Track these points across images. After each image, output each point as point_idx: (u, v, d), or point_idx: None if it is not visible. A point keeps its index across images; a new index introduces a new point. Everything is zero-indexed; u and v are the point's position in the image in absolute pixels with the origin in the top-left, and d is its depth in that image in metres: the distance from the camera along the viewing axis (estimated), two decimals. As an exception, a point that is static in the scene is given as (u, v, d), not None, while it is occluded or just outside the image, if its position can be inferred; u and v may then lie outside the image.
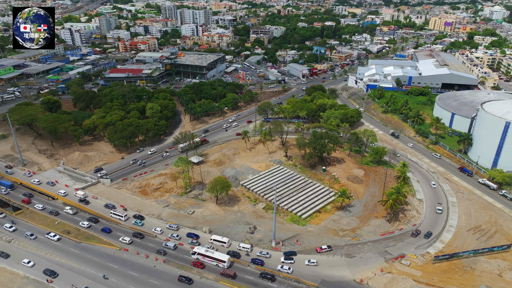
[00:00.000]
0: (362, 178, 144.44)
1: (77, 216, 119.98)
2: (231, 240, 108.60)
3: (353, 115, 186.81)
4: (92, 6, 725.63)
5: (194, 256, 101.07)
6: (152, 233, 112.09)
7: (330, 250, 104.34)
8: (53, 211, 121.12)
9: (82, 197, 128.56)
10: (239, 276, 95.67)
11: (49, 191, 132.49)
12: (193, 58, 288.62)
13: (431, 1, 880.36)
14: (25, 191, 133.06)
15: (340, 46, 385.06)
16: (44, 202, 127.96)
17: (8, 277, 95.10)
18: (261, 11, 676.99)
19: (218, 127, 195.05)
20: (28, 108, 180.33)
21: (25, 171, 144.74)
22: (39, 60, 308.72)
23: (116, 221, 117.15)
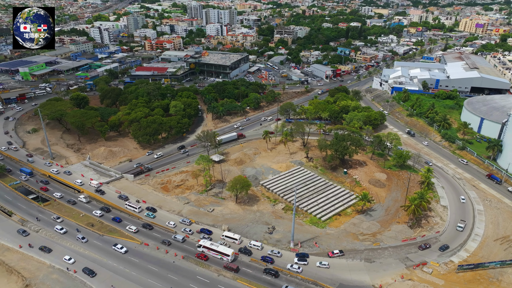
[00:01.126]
0: (385, 182, 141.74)
1: (90, 205, 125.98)
2: (245, 238, 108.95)
3: (376, 117, 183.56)
4: (121, 6, 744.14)
5: (200, 249, 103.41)
6: (160, 225, 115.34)
7: (342, 255, 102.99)
8: (70, 200, 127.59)
9: (96, 186, 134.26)
10: (245, 271, 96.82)
11: (67, 180, 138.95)
12: (217, 57, 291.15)
13: (462, 2, 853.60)
14: (42, 178, 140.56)
15: (365, 47, 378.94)
16: (62, 190, 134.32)
17: (35, 265, 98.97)
18: (285, 11, 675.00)
19: (257, 119, 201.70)
20: (58, 104, 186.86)
21: (45, 161, 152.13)
22: (69, 57, 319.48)
23: (130, 212, 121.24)
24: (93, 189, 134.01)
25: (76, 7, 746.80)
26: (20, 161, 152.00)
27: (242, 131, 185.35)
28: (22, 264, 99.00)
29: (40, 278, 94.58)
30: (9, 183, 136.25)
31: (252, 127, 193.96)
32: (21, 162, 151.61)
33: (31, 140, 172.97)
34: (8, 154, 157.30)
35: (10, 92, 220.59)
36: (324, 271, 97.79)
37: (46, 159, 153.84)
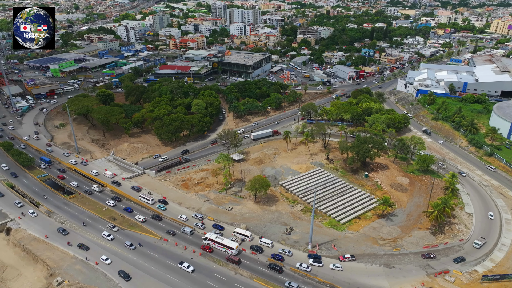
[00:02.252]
0: (407, 186, 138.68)
1: (102, 194, 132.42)
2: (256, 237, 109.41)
3: (400, 120, 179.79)
4: (147, 5, 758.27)
5: (206, 241, 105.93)
6: (171, 217, 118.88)
7: (353, 260, 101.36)
8: (87, 190, 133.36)
9: (109, 176, 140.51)
10: (251, 266, 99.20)
11: (84, 170, 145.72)
12: (240, 57, 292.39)
13: (494, 2, 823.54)
14: (59, 167, 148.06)
15: (390, 49, 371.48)
16: (77, 180, 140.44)
17: (60, 256, 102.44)
18: (309, 11, 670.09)
19: (277, 119, 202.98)
20: (84, 100, 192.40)
21: (64, 152, 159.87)
22: (97, 55, 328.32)
23: (144, 203, 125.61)
24: (107, 179, 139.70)
25: (104, 6, 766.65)
26: (40, 150, 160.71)
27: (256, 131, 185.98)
28: (47, 254, 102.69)
29: (64, 268, 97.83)
30: (37, 175, 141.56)
31: (272, 127, 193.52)
32: (41, 151, 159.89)
33: (58, 134, 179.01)
34: (30, 144, 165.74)
35: (41, 88, 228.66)
36: (340, 274, 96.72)
37: (65, 150, 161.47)
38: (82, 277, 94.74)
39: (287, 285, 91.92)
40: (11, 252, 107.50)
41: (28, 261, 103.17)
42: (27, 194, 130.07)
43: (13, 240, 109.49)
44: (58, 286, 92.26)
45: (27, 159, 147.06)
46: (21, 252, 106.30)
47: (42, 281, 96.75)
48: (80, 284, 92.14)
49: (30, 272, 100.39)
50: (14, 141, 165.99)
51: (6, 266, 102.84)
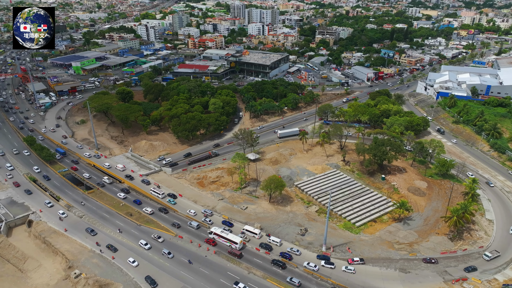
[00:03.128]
0: (425, 190, 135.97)
1: (113, 186, 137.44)
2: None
3: (419, 123, 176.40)
4: (167, 4, 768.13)
5: (211, 236, 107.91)
6: (178, 210, 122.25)
7: (362, 263, 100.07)
8: (99, 182, 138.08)
9: (120, 169, 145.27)
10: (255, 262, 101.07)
11: (97, 163, 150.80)
12: (257, 56, 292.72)
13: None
14: (73, 158, 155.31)
15: (411, 50, 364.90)
16: (90, 171, 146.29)
17: (78, 249, 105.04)
18: (328, 11, 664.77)
19: (294, 119, 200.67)
20: (104, 97, 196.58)
21: (78, 144, 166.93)
22: (117, 53, 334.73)
23: (154, 197, 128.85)
24: (118, 172, 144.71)
25: (125, 5, 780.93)
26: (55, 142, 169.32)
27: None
28: (66, 247, 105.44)
29: (81, 261, 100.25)
30: (58, 170, 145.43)
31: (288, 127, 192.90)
32: (56, 143, 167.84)
33: (79, 130, 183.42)
34: (47, 136, 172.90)
35: (63, 85, 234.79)
36: (355, 277, 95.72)
37: (79, 143, 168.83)
38: (98, 271, 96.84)
39: (289, 281, 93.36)
40: (32, 243, 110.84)
41: (48, 253, 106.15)
42: (48, 188, 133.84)
43: (34, 232, 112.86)
44: (75, 279, 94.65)
45: (49, 154, 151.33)
46: (41, 244, 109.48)
47: (61, 273, 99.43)
48: (96, 278, 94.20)
49: (49, 263, 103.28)
50: (33, 133, 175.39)
51: (27, 257, 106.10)
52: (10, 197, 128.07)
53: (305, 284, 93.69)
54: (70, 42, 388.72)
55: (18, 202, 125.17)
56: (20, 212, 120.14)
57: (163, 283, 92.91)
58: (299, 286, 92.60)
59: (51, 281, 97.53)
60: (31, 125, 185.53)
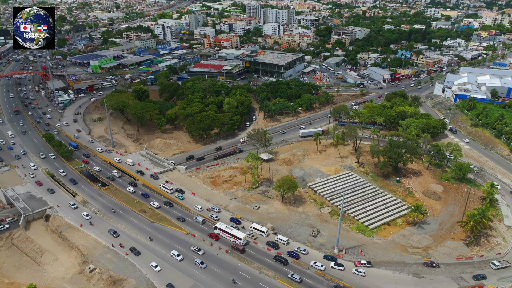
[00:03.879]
0: (441, 194, 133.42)
1: (121, 179, 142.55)
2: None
3: (436, 125, 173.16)
4: (184, 4, 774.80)
5: (216, 231, 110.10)
6: (184, 205, 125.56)
7: (370, 266, 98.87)
8: (110, 176, 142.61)
9: (130, 164, 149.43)
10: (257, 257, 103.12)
11: (108, 158, 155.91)
12: (272, 57, 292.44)
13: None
14: (85, 151, 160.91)
15: (429, 51, 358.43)
16: (100, 164, 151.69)
17: (93, 244, 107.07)
18: (345, 11, 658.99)
19: (317, 118, 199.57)
20: (121, 95, 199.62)
21: (89, 138, 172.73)
22: (134, 52, 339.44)
23: (163, 192, 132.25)
24: (128, 166, 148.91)
25: (143, 5, 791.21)
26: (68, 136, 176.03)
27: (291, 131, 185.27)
28: (81, 242, 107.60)
29: (96, 256, 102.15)
30: (75, 166, 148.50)
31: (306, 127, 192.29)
32: (70, 137, 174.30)
33: (96, 128, 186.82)
34: (61, 130, 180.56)
35: (81, 83, 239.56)
36: (366, 280, 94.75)
37: (90, 137, 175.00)
38: (112, 266, 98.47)
39: (290, 277, 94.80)
40: (49, 237, 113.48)
41: (64, 247, 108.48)
42: (65, 184, 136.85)
43: (51, 227, 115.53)
44: (90, 273, 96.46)
45: (67, 150, 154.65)
46: (57, 238, 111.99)
47: (76, 267, 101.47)
48: (110, 273, 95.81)
49: (65, 257, 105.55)
50: (49, 127, 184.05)
51: (44, 251, 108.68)
52: (29, 191, 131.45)
53: (306, 280, 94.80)
54: (89, 41, 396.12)
55: (36, 197, 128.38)
56: (38, 206, 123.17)
57: (175, 281, 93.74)
58: (300, 282, 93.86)
59: (67, 274, 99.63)
60: (48, 120, 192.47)
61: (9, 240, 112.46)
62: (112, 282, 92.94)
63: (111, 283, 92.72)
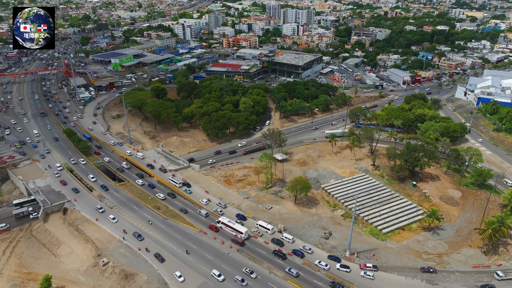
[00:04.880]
0: (458, 200, 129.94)
1: (129, 171, 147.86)
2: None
3: (456, 129, 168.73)
4: (205, 4, 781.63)
5: (219, 225, 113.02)
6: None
7: (375, 270, 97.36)
8: (119, 168, 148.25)
9: (140, 157, 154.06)
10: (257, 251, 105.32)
11: (120, 151, 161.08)
12: (290, 57, 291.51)
13: None
14: (98, 143, 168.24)
15: (452, 53, 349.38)
16: (110, 156, 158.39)
17: (107, 238, 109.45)
18: (366, 12, 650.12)
19: (324, 121, 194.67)
20: (140, 93, 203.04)
21: (102, 130, 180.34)
22: (154, 51, 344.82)
23: (172, 186, 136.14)
24: (139, 159, 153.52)
25: (165, 4, 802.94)
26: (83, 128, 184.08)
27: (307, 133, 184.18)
28: (96, 236, 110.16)
29: (110, 250, 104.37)
30: (93, 161, 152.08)
31: (318, 129, 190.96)
32: (84, 129, 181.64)
33: (114, 124, 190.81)
34: (77, 123, 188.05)
35: (102, 81, 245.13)
36: (378, 285, 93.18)
37: (103, 129, 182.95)
38: (125, 260, 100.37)
39: (287, 271, 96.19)
40: (66, 230, 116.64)
41: (80, 240, 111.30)
42: (83, 179, 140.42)
43: (69, 220, 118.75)
44: (103, 266, 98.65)
45: (86, 146, 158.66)
46: (74, 231, 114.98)
47: (90, 260, 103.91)
48: (122, 267, 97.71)
49: (80, 250, 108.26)
50: (67, 119, 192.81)
51: (61, 243, 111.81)
52: (49, 185, 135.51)
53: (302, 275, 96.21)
54: (111, 39, 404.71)
55: (55, 190, 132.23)
56: (57, 199, 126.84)
57: (186, 277, 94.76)
58: (297, 276, 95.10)
59: (81, 267, 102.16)
60: (67, 113, 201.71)
61: (28, 231, 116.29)
62: (124, 276, 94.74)
63: (123, 277, 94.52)
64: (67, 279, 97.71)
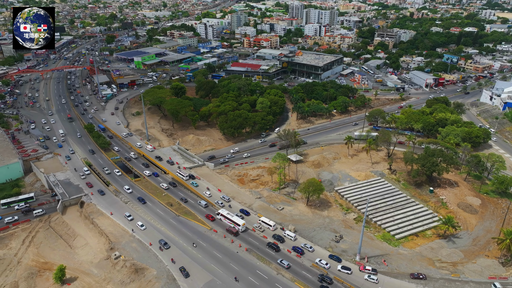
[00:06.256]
0: (477, 208, 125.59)
1: (137, 161, 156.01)
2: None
3: (479, 135, 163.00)
4: (228, 4, 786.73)
5: (218, 216, 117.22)
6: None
7: (374, 273, 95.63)
8: (127, 157, 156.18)
9: (149, 149, 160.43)
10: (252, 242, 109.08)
11: (129, 142, 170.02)
12: (311, 57, 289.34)
13: None
14: (110, 133, 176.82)
15: (479, 56, 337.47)
16: (120, 146, 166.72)
17: (120, 232, 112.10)
18: (391, 13, 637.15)
19: (342, 123, 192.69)
20: (159, 91, 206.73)
21: (116, 121, 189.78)
22: (176, 50, 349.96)
23: (179, 178, 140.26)
24: (148, 152, 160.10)
25: (189, 4, 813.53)
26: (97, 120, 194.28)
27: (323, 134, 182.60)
28: (110, 229, 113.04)
29: (122, 244, 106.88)
30: (111, 157, 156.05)
31: (335, 130, 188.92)
32: (99, 121, 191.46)
33: (134, 121, 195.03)
34: (95, 117, 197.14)
35: (124, 78, 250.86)
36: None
37: (117, 120, 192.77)
38: (136, 255, 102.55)
39: (279, 262, 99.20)
40: (82, 223, 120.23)
41: (94, 233, 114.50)
42: (101, 173, 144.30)
43: (85, 213, 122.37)
44: (115, 260, 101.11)
45: (105, 142, 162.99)
46: (89, 224, 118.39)
47: (104, 253, 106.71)
48: (133, 261, 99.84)
49: (95, 243, 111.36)
50: (86, 112, 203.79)
51: (76, 235, 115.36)
52: (68, 178, 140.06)
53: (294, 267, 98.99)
54: (135, 38, 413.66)
55: (74, 184, 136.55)
56: (75, 193, 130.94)
57: (194, 274, 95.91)
58: (288, 268, 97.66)
59: (95, 259, 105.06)
60: (86, 106, 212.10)
61: (47, 222, 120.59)
62: (134, 270, 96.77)
63: (134, 271, 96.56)
64: (80, 270, 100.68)
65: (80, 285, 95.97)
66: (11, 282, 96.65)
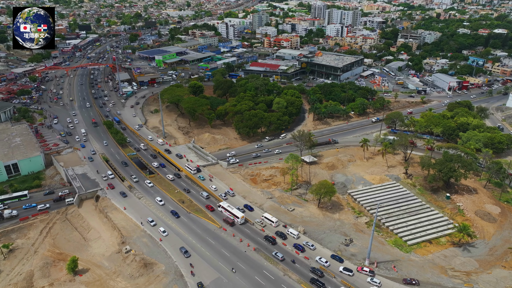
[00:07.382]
0: (496, 216, 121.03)
1: (145, 151, 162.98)
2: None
3: (502, 141, 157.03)
4: (251, 4, 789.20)
5: (219, 209, 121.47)
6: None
7: (372, 275, 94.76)
8: (137, 147, 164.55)
9: (160, 143, 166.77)
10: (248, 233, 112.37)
11: (140, 135, 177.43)
12: (330, 58, 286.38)
13: None
14: (123, 125, 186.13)
15: (508, 59, 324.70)
16: (132, 137, 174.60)
17: (132, 227, 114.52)
18: (417, 14, 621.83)
19: (359, 125, 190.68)
20: (177, 90, 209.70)
21: (132, 113, 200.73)
22: (197, 49, 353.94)
23: (186, 171, 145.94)
24: (158, 145, 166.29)
25: (212, 4, 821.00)
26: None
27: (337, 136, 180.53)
28: (122, 224, 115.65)
29: (133, 238, 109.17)
30: (128, 153, 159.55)
31: (352, 133, 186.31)
32: (114, 114, 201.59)
33: (151, 118, 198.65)
34: (111, 109, 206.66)
35: (145, 76, 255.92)
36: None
37: (132, 112, 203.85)
38: (146, 250, 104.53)
39: (274, 255, 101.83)
40: (96, 216, 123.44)
41: (107, 227, 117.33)
42: (117, 169, 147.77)
43: (100, 207, 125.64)
44: (126, 254, 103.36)
45: (122, 138, 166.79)
46: (103, 218, 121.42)
47: (115, 247, 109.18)
48: (143, 256, 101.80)
49: (107, 236, 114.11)
50: (105, 105, 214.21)
51: (91, 228, 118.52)
52: (86, 173, 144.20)
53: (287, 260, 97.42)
54: (158, 37, 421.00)
55: (90, 178, 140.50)
56: (91, 187, 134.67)
57: (200, 271, 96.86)
58: (283, 260, 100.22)
59: (106, 252, 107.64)
60: (104, 100, 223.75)
61: (64, 214, 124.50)
62: (143, 265, 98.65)
63: (143, 266, 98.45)
64: (92, 263, 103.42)
65: (91, 276, 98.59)
66: (27, 271, 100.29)
